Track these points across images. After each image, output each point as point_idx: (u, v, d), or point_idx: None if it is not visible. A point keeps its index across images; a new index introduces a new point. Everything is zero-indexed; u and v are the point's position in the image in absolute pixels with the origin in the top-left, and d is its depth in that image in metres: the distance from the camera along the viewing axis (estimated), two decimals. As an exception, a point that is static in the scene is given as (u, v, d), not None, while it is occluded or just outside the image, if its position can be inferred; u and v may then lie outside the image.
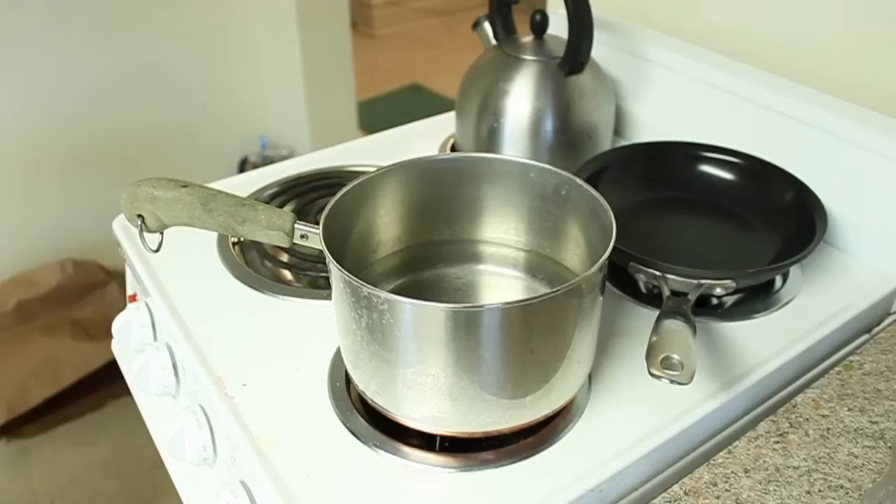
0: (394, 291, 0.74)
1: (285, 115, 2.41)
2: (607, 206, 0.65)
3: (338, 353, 0.75)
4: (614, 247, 0.76)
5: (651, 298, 0.82)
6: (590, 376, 0.73)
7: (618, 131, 1.11)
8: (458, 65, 1.31)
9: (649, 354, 0.61)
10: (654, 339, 0.63)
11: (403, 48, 4.06)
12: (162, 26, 2.14)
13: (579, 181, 0.69)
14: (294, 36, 2.27)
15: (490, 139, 0.99)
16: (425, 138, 1.14)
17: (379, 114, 3.36)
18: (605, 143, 1.03)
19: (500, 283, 0.77)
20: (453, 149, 1.09)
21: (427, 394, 0.61)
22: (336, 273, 0.61)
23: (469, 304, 0.57)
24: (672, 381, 0.58)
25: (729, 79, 0.98)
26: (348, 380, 0.72)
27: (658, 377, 0.59)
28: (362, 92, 3.43)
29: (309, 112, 2.36)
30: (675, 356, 0.60)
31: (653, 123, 1.07)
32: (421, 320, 0.58)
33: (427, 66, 3.79)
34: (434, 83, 3.60)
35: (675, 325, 0.64)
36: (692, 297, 0.73)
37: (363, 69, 3.60)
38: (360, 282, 0.58)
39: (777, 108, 0.94)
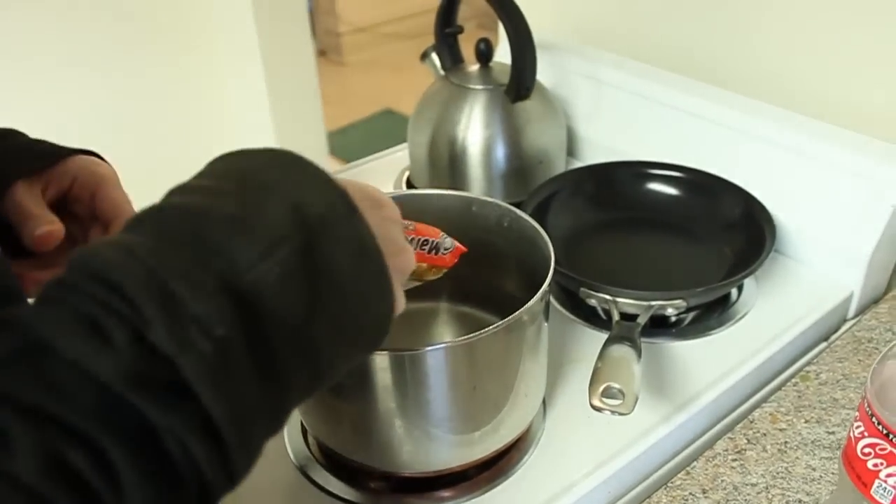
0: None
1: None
2: (546, 237, 0.65)
3: (293, 398, 0.75)
4: (564, 272, 0.77)
5: (607, 322, 0.82)
6: (545, 404, 0.73)
7: (572, 152, 1.12)
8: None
9: (590, 385, 0.61)
10: (597, 367, 0.63)
11: (374, 74, 4.07)
12: (122, 63, 2.14)
13: (519, 212, 0.70)
14: (258, 68, 2.27)
15: (442, 170, 1.00)
16: (381, 173, 1.14)
17: (352, 141, 3.37)
18: (559, 167, 1.03)
19: (450, 318, 0.77)
20: (409, 181, 1.09)
21: (375, 436, 0.61)
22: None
23: (410, 348, 0.57)
24: (613, 413, 0.58)
25: (675, 94, 0.99)
26: (304, 425, 0.72)
27: (599, 409, 0.59)
28: (335, 120, 3.44)
29: (278, 143, 2.36)
30: (616, 385, 0.60)
31: (606, 143, 1.07)
32: (362, 365, 0.58)
33: (399, 90, 3.79)
34: (406, 107, 3.60)
35: (618, 353, 0.64)
36: (642, 319, 0.73)
37: (334, 97, 3.60)
38: (298, 331, 0.58)
39: (723, 121, 0.95)
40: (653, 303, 0.75)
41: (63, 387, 0.28)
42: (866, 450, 0.53)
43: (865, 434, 0.53)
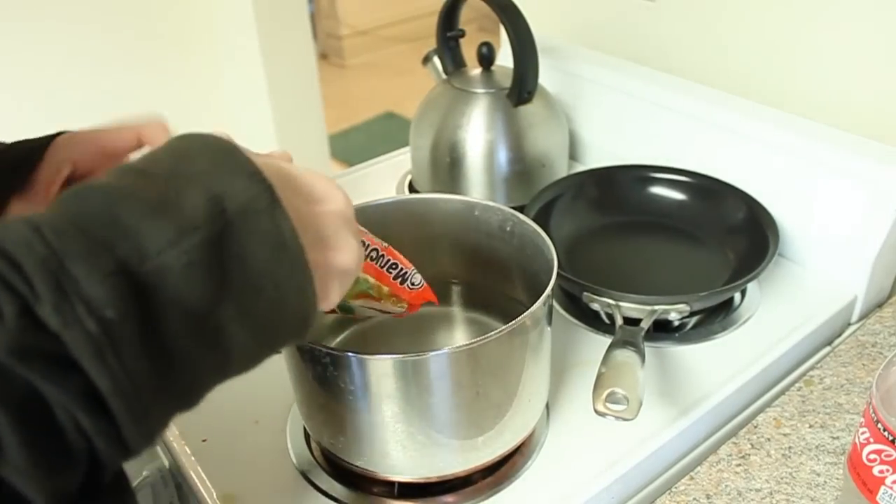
0: (346, 340, 0.73)
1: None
2: (549, 241, 0.65)
3: (296, 403, 0.75)
4: (567, 277, 0.77)
5: (611, 326, 0.82)
6: (548, 408, 0.73)
7: (574, 156, 1.12)
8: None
9: (595, 390, 0.61)
10: (601, 372, 0.63)
11: (375, 77, 4.08)
12: (123, 66, 2.14)
13: (522, 217, 0.70)
14: (259, 71, 2.27)
15: (444, 174, 1.00)
16: (383, 176, 1.14)
17: (354, 144, 3.37)
18: (561, 170, 1.03)
19: (454, 323, 0.77)
20: (411, 185, 1.09)
21: (377, 442, 0.61)
22: (280, 327, 0.61)
23: (413, 353, 0.57)
24: (617, 418, 0.58)
25: (678, 98, 0.99)
26: (307, 429, 0.72)
27: (603, 414, 0.59)
28: (336, 123, 3.44)
29: (279, 146, 2.37)
30: (620, 391, 0.60)
31: (608, 146, 1.07)
32: (364, 372, 0.58)
33: (400, 93, 3.80)
34: (408, 110, 3.61)
35: (622, 357, 0.64)
36: (645, 324, 0.73)
37: (336, 100, 3.61)
38: (301, 336, 0.58)
39: (726, 124, 0.94)
40: (656, 307, 0.75)
41: None
42: (872, 456, 0.53)
43: (871, 440, 0.53)
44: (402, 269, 0.62)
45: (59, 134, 0.60)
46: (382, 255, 0.61)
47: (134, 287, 0.32)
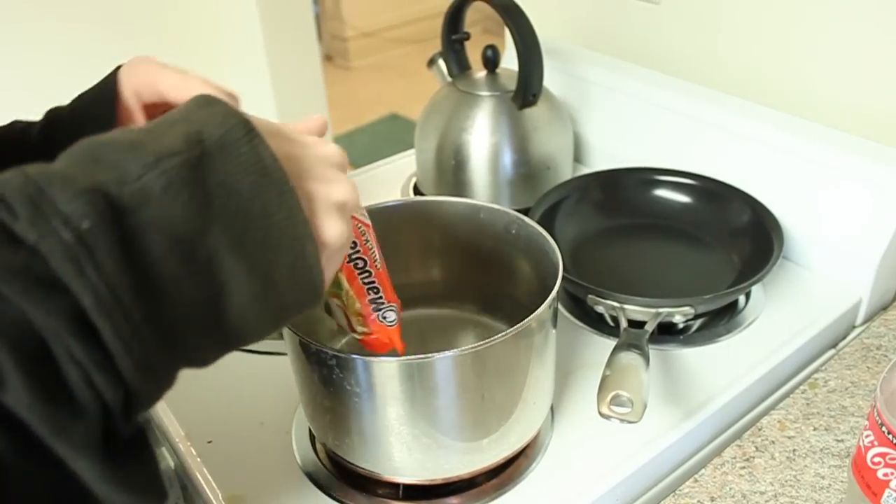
0: (352, 342, 0.74)
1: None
2: (554, 244, 0.65)
3: (301, 405, 0.75)
4: (571, 279, 0.77)
5: (615, 329, 0.82)
6: (553, 411, 0.73)
7: (578, 158, 1.12)
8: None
9: (599, 392, 0.61)
10: (606, 374, 0.63)
11: (380, 78, 4.08)
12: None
13: (526, 219, 0.70)
14: (264, 72, 2.28)
15: (449, 176, 1.00)
16: (389, 179, 1.14)
17: (359, 145, 3.37)
18: (566, 173, 1.03)
19: (460, 326, 0.77)
20: (415, 187, 1.09)
21: (383, 444, 0.61)
22: (286, 330, 0.61)
23: (418, 355, 0.57)
24: (621, 421, 0.58)
25: (682, 100, 0.99)
26: (312, 431, 0.72)
27: (607, 417, 0.59)
28: (341, 124, 3.44)
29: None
30: (625, 393, 0.60)
31: (613, 149, 1.08)
32: (370, 374, 0.58)
33: (405, 95, 3.80)
34: (412, 112, 3.62)
35: (627, 360, 0.64)
36: (650, 326, 0.73)
37: (341, 101, 3.61)
38: (307, 339, 0.58)
39: (731, 127, 0.95)
40: (661, 310, 0.75)
41: None
42: (876, 459, 0.53)
43: (875, 443, 0.53)
44: (381, 297, 0.60)
45: (117, 70, 0.61)
46: (369, 272, 0.59)
47: (112, 207, 0.33)
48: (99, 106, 0.58)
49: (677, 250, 0.92)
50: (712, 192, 0.93)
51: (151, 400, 0.36)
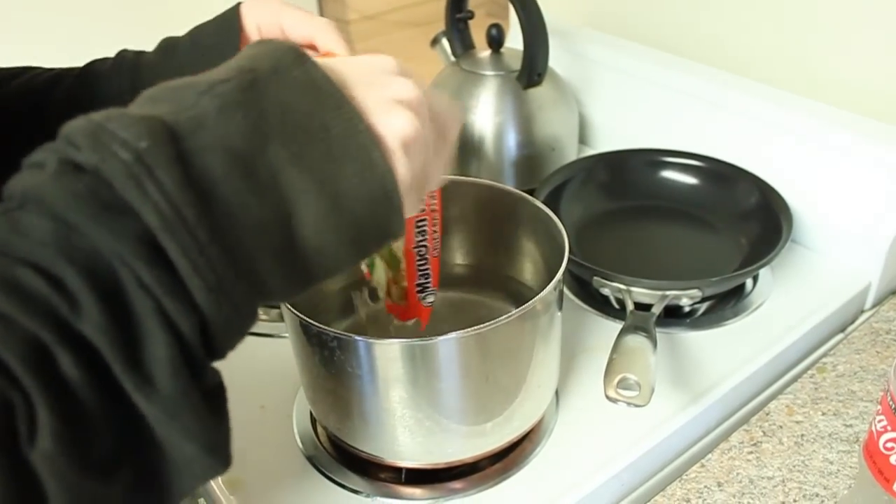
0: (354, 323, 0.73)
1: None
2: (560, 225, 0.64)
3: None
4: (577, 261, 0.76)
5: (621, 311, 0.81)
6: (557, 394, 0.72)
7: (583, 139, 1.10)
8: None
9: (606, 376, 0.60)
10: (612, 357, 0.62)
11: (383, 61, 4.05)
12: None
13: (531, 199, 0.69)
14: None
15: (453, 157, 0.98)
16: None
17: (361, 129, 3.35)
18: (570, 154, 1.02)
19: (464, 307, 0.76)
20: (418, 168, 1.08)
21: (385, 427, 0.61)
22: (286, 311, 0.60)
23: (421, 338, 0.56)
24: (629, 404, 0.57)
25: (689, 81, 0.98)
26: (314, 414, 0.71)
27: (614, 400, 0.58)
28: (343, 108, 3.42)
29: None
30: (632, 376, 0.59)
31: (618, 130, 1.06)
32: (372, 356, 0.57)
33: (407, 78, 3.78)
34: (415, 95, 3.59)
35: (634, 343, 0.63)
36: (656, 309, 0.72)
37: (343, 85, 3.59)
38: (308, 320, 0.57)
39: (739, 108, 0.93)
40: (668, 292, 0.74)
41: (23, 226, 0.31)
42: (889, 444, 0.52)
43: (888, 428, 0.52)
44: (429, 282, 0.62)
45: (236, 7, 0.61)
46: (426, 259, 0.61)
47: (169, 130, 0.33)
48: (222, 36, 0.59)
49: (684, 232, 0.91)
50: (720, 174, 0.92)
51: (230, 331, 0.35)
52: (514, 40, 1.00)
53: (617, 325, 0.70)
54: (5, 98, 0.62)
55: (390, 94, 0.41)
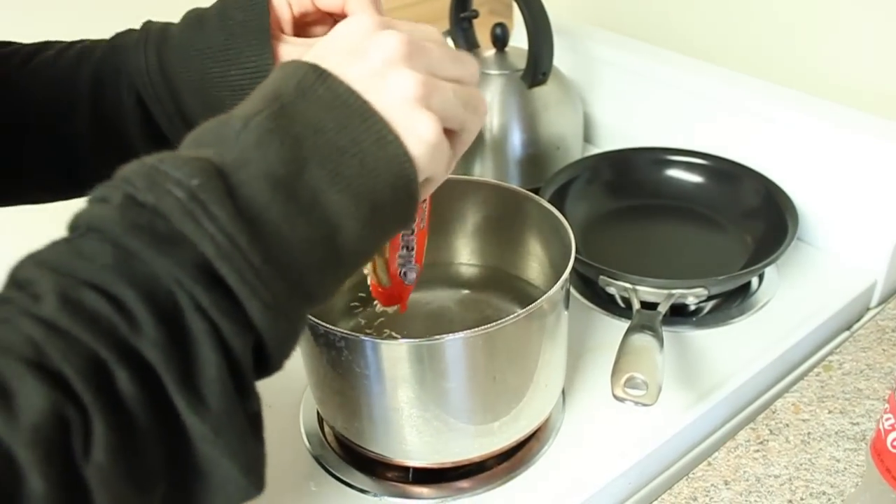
0: (360, 324, 0.73)
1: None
2: (566, 224, 0.64)
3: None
4: (583, 260, 0.76)
5: (626, 310, 0.81)
6: (564, 393, 0.72)
7: (588, 138, 1.10)
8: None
9: (613, 375, 0.60)
10: (619, 356, 0.62)
11: (386, 60, 4.05)
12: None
13: (537, 198, 0.69)
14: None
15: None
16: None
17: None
18: (575, 153, 1.02)
19: (469, 307, 0.76)
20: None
21: (392, 427, 0.61)
22: (293, 311, 0.60)
23: (428, 337, 0.56)
24: (636, 403, 0.57)
25: (694, 79, 0.98)
26: (321, 414, 0.71)
27: (622, 399, 0.58)
28: (346, 107, 3.41)
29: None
30: (639, 376, 0.59)
31: (623, 129, 1.06)
32: (379, 356, 0.57)
33: (410, 76, 3.77)
34: (418, 93, 3.59)
35: (641, 342, 0.63)
36: (663, 308, 0.72)
37: (346, 84, 3.58)
38: (315, 320, 0.57)
39: (744, 106, 0.93)
40: (674, 291, 0.74)
41: (87, 252, 0.33)
42: (896, 442, 0.52)
43: (896, 426, 0.52)
44: (412, 255, 0.60)
45: None
46: (412, 229, 0.59)
47: (216, 168, 0.35)
48: (249, 12, 0.58)
49: (689, 231, 0.91)
50: (725, 172, 0.92)
51: (286, 343, 0.37)
52: (519, 39, 1.00)
53: (623, 324, 0.70)
54: (28, 77, 0.61)
55: (401, 94, 0.41)
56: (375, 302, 0.64)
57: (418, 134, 0.40)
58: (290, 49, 0.57)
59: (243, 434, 0.35)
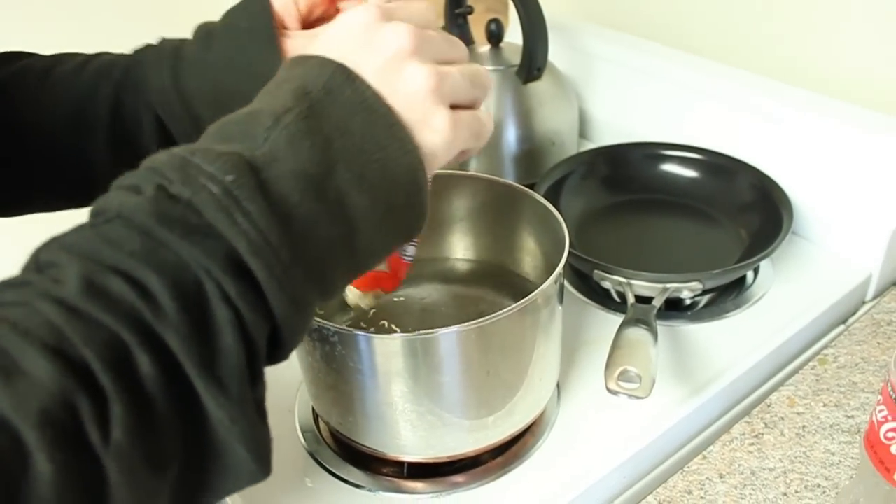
0: (354, 319, 0.73)
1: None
2: (560, 219, 0.64)
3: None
4: (577, 255, 0.76)
5: (621, 305, 0.81)
6: (559, 387, 0.72)
7: (584, 134, 1.10)
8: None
9: (607, 368, 0.60)
10: (613, 350, 0.62)
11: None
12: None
13: (532, 193, 0.69)
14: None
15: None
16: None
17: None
18: (571, 148, 1.02)
19: (464, 301, 0.76)
20: (419, 163, 1.08)
21: (387, 422, 0.61)
22: (287, 306, 0.60)
23: (422, 331, 0.56)
24: (630, 397, 0.57)
25: (689, 75, 0.98)
26: (315, 410, 0.71)
27: (615, 393, 0.58)
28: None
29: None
30: (633, 369, 0.59)
31: (618, 124, 1.06)
32: (372, 350, 0.57)
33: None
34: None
35: (635, 336, 0.63)
36: (657, 302, 0.72)
37: (343, 82, 3.58)
38: (308, 314, 0.57)
39: (739, 101, 0.93)
40: (668, 285, 0.74)
41: (114, 238, 0.34)
42: (890, 434, 0.52)
43: (889, 418, 0.52)
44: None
45: None
46: None
47: (249, 164, 0.36)
48: (254, 20, 0.60)
49: (684, 225, 0.91)
50: (720, 167, 0.92)
51: (296, 337, 0.38)
52: (514, 35, 1.00)
53: (618, 319, 0.70)
54: (47, 95, 0.62)
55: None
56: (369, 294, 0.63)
57: (434, 127, 0.42)
58: (295, 42, 0.59)
59: (253, 420, 0.36)
